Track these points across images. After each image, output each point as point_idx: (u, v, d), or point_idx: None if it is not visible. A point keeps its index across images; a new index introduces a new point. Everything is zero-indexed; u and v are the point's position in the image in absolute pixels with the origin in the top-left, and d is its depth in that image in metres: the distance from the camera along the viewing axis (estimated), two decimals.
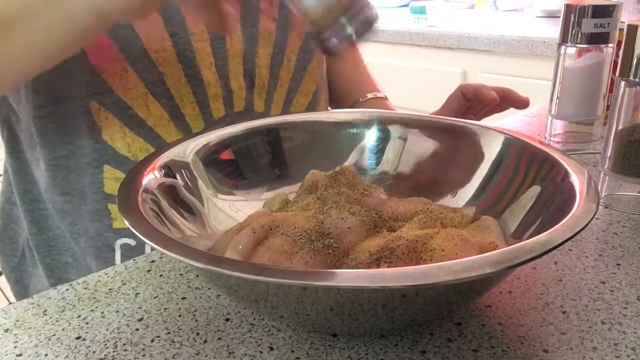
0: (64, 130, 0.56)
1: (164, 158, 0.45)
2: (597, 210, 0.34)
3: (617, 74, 0.54)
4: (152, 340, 0.37)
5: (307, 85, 0.67)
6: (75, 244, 0.61)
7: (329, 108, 0.76)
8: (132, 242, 0.59)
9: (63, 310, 0.41)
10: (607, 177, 0.56)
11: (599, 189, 0.56)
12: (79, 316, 0.40)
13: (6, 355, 0.36)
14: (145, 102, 0.56)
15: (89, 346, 0.37)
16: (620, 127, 0.54)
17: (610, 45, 0.69)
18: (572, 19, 0.68)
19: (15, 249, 0.67)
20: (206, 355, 0.36)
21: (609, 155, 0.55)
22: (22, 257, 0.67)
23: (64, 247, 0.62)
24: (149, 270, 0.46)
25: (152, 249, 0.32)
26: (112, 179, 0.57)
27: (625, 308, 0.40)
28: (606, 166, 0.55)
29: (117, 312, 0.40)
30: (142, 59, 0.55)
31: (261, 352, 0.36)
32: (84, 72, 0.54)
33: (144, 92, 0.56)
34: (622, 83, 0.53)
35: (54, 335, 0.38)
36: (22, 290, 0.69)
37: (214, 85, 0.58)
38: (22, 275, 0.67)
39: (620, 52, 0.53)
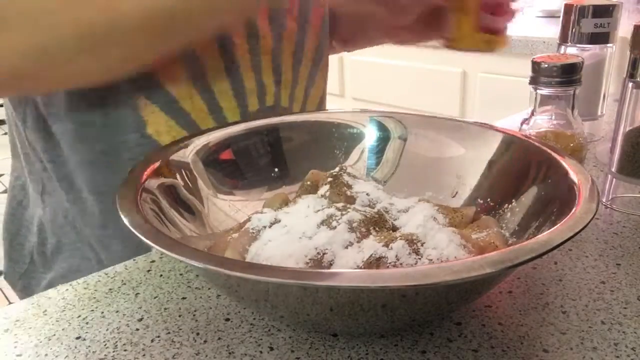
0: (107, 124, 0.56)
1: (164, 158, 0.45)
2: (597, 210, 0.34)
3: (624, 75, 0.53)
4: (152, 340, 0.37)
5: (319, 82, 0.69)
6: (103, 249, 0.60)
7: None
8: None
9: (63, 310, 0.41)
10: (613, 180, 0.56)
11: (605, 192, 0.56)
12: (79, 316, 0.40)
13: (6, 355, 0.36)
14: (190, 95, 0.57)
15: (89, 346, 0.37)
16: (627, 129, 0.54)
17: (610, 45, 0.69)
18: (572, 19, 0.68)
19: (25, 255, 0.66)
20: (206, 355, 0.36)
21: (616, 157, 0.54)
22: (31, 263, 0.66)
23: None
24: (149, 270, 0.46)
25: (152, 248, 0.32)
26: None
27: (625, 308, 0.40)
28: (613, 168, 0.55)
29: (117, 312, 0.40)
30: (189, 53, 0.56)
31: (261, 352, 0.36)
32: None
33: (190, 84, 0.56)
34: (630, 84, 0.53)
35: (54, 335, 0.38)
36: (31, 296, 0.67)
37: (249, 80, 0.60)
38: (30, 283, 0.66)
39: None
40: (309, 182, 0.49)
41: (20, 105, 0.58)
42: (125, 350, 0.37)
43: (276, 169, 0.52)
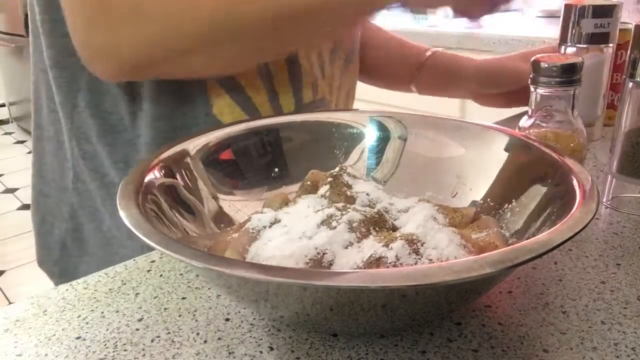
0: (182, 102, 0.58)
1: (165, 158, 0.45)
2: (597, 210, 0.34)
3: (623, 75, 0.53)
4: (152, 340, 0.37)
5: (350, 80, 0.73)
6: None
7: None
8: None
9: (63, 310, 0.41)
10: (613, 180, 0.56)
11: (604, 192, 0.56)
12: (79, 316, 0.40)
13: (6, 355, 0.36)
14: (254, 82, 0.59)
15: (89, 346, 0.37)
16: (627, 129, 0.54)
17: (610, 45, 0.69)
18: (572, 19, 0.68)
19: (56, 241, 0.68)
20: (206, 355, 0.36)
21: (616, 157, 0.54)
22: (64, 248, 0.67)
23: None
24: (149, 270, 0.46)
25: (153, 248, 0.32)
26: None
27: (625, 308, 0.40)
28: (613, 168, 0.55)
29: (117, 312, 0.40)
30: None
31: (261, 352, 0.36)
32: None
33: (255, 72, 0.59)
34: (630, 84, 0.53)
35: (54, 335, 0.38)
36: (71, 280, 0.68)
37: (307, 74, 0.63)
38: (67, 268, 0.67)
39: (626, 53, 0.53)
40: (309, 182, 0.49)
41: (72, 91, 0.59)
42: (125, 350, 0.37)
43: (276, 169, 0.52)
